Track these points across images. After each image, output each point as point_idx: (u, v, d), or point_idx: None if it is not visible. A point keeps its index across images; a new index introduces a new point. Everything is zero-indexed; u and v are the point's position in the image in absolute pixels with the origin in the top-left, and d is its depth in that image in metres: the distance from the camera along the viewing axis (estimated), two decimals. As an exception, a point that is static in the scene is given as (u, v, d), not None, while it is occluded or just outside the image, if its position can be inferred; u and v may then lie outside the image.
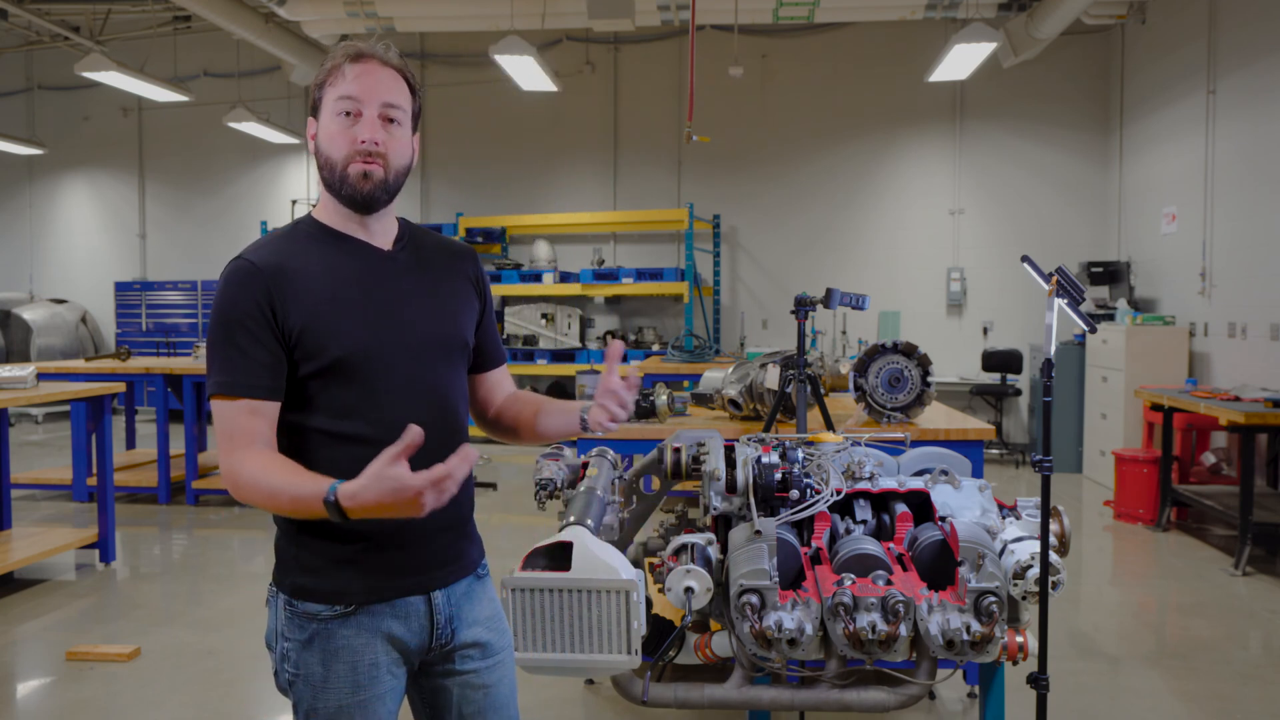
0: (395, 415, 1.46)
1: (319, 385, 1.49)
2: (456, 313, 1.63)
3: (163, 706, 3.40)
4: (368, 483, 1.28)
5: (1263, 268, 6.23)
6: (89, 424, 6.03)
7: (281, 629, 1.55)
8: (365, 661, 1.52)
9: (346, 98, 1.50)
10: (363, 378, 1.49)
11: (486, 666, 1.64)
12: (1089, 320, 2.52)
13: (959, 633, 2.15)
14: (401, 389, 1.52)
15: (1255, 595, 4.68)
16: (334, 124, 1.51)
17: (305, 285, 1.48)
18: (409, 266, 1.60)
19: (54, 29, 9.23)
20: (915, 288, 9.41)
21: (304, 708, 1.54)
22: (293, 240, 1.55)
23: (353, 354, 1.48)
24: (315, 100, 1.55)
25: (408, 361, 1.53)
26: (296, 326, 1.46)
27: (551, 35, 9.80)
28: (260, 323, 1.45)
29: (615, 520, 2.52)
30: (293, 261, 1.50)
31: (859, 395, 3.42)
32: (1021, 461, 8.51)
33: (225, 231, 11.28)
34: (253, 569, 5.32)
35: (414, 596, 1.55)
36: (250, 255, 1.50)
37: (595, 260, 9.80)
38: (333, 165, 1.51)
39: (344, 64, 1.51)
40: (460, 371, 1.64)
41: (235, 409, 1.45)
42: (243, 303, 1.46)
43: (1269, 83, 6.18)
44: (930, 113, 9.38)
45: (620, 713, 3.28)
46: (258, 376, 1.45)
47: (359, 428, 1.49)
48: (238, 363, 1.45)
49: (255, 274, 1.47)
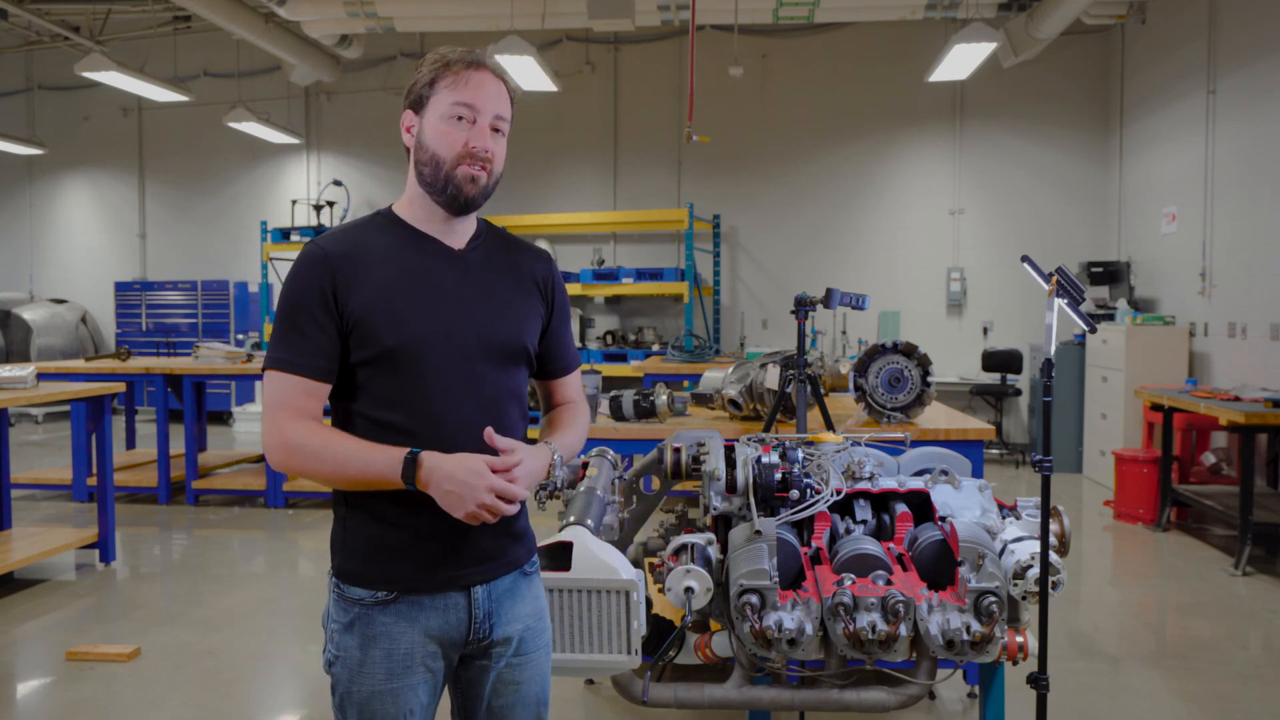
0: (439, 411, 1.53)
1: (368, 373, 1.53)
2: (519, 317, 1.65)
3: (163, 706, 3.40)
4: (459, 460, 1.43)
5: (1263, 268, 6.23)
6: (89, 424, 6.03)
7: (331, 609, 1.60)
8: (401, 650, 1.55)
9: (464, 104, 1.55)
10: (411, 371, 1.53)
11: (520, 663, 1.66)
12: (1089, 320, 2.52)
13: (959, 633, 2.15)
14: (448, 386, 1.55)
15: (1255, 595, 4.68)
16: (446, 125, 1.56)
17: (370, 275, 1.53)
18: (477, 267, 1.63)
19: (54, 29, 9.23)
20: (915, 288, 9.41)
21: (340, 689, 1.58)
22: (368, 231, 1.60)
23: (403, 347, 1.52)
24: (420, 96, 1.58)
25: (458, 360, 1.56)
26: (354, 314, 1.51)
27: (551, 35, 9.80)
28: (322, 307, 1.51)
29: (615, 520, 2.52)
30: (363, 252, 1.55)
31: (859, 395, 3.42)
32: (1021, 461, 8.51)
33: (225, 231, 11.28)
34: (253, 569, 5.32)
35: (454, 591, 1.58)
36: (324, 241, 1.56)
37: (595, 260, 9.80)
38: (439, 163, 1.56)
39: (463, 70, 1.56)
40: (516, 375, 1.65)
41: (290, 384, 1.51)
42: (308, 286, 1.52)
43: (1269, 83, 6.18)
44: (930, 113, 9.38)
45: (620, 713, 3.28)
46: (314, 358, 1.51)
47: (402, 419, 1.53)
48: (297, 343, 1.51)
49: (324, 260, 1.53)
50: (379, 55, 10.41)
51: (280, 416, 1.50)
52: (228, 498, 6.79)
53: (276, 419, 1.50)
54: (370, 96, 10.66)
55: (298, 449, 1.48)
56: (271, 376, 1.52)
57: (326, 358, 1.52)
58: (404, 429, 1.52)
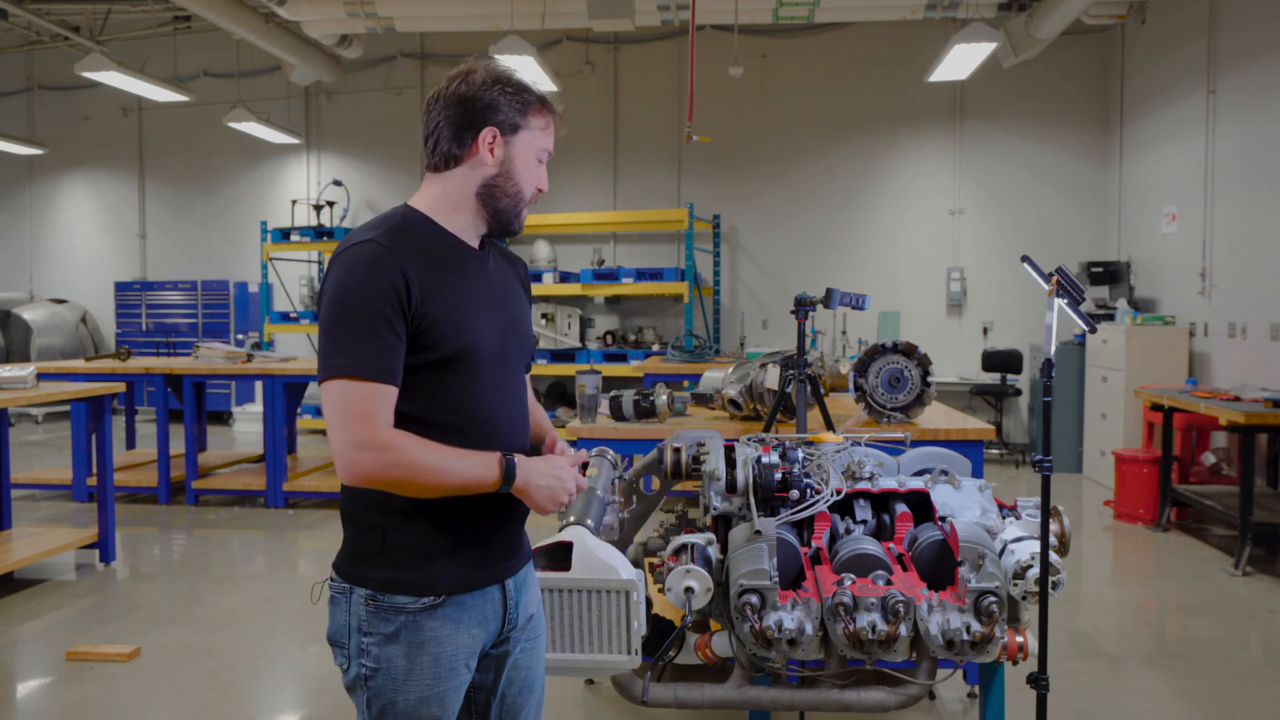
0: (485, 412, 1.58)
1: (428, 375, 1.52)
2: (527, 319, 1.75)
3: (163, 706, 3.40)
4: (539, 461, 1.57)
5: (1263, 268, 6.23)
6: (89, 424, 6.04)
7: (359, 625, 1.55)
8: (448, 653, 1.56)
9: (549, 151, 1.66)
10: (468, 374, 1.55)
11: (531, 646, 1.73)
12: (1089, 320, 2.52)
13: (959, 633, 2.15)
14: (496, 388, 1.60)
15: (1255, 595, 4.68)
16: (533, 164, 1.64)
17: (438, 278, 1.52)
18: (498, 268, 1.69)
19: (54, 29, 9.23)
20: (915, 288, 9.41)
21: (380, 703, 1.55)
22: (417, 232, 1.56)
23: (467, 350, 1.54)
24: (513, 123, 1.60)
25: (500, 362, 1.61)
26: (426, 317, 1.48)
27: (551, 35, 9.80)
28: (394, 308, 1.45)
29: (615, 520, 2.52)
30: (425, 253, 1.53)
31: (859, 395, 3.42)
32: (1021, 461, 8.51)
33: (225, 231, 11.28)
34: (253, 569, 5.32)
35: (493, 586, 1.63)
36: (383, 240, 1.49)
37: (595, 260, 9.80)
38: (520, 198, 1.63)
39: (554, 119, 1.66)
40: (525, 374, 1.76)
41: (367, 390, 1.44)
42: (378, 287, 1.45)
43: (1269, 83, 6.18)
44: (930, 113, 9.38)
45: (620, 713, 3.28)
46: (388, 362, 1.46)
47: (452, 420, 1.54)
48: (370, 346, 1.44)
49: (394, 262, 1.47)
50: (379, 55, 10.41)
51: (362, 428, 1.43)
52: (228, 498, 6.79)
53: (366, 425, 1.43)
54: (370, 96, 10.66)
55: (401, 460, 1.43)
56: (343, 386, 1.43)
57: (399, 360, 1.47)
58: (456, 430, 1.53)
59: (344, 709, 3.37)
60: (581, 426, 3.49)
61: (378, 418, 1.44)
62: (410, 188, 10.55)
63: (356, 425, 1.43)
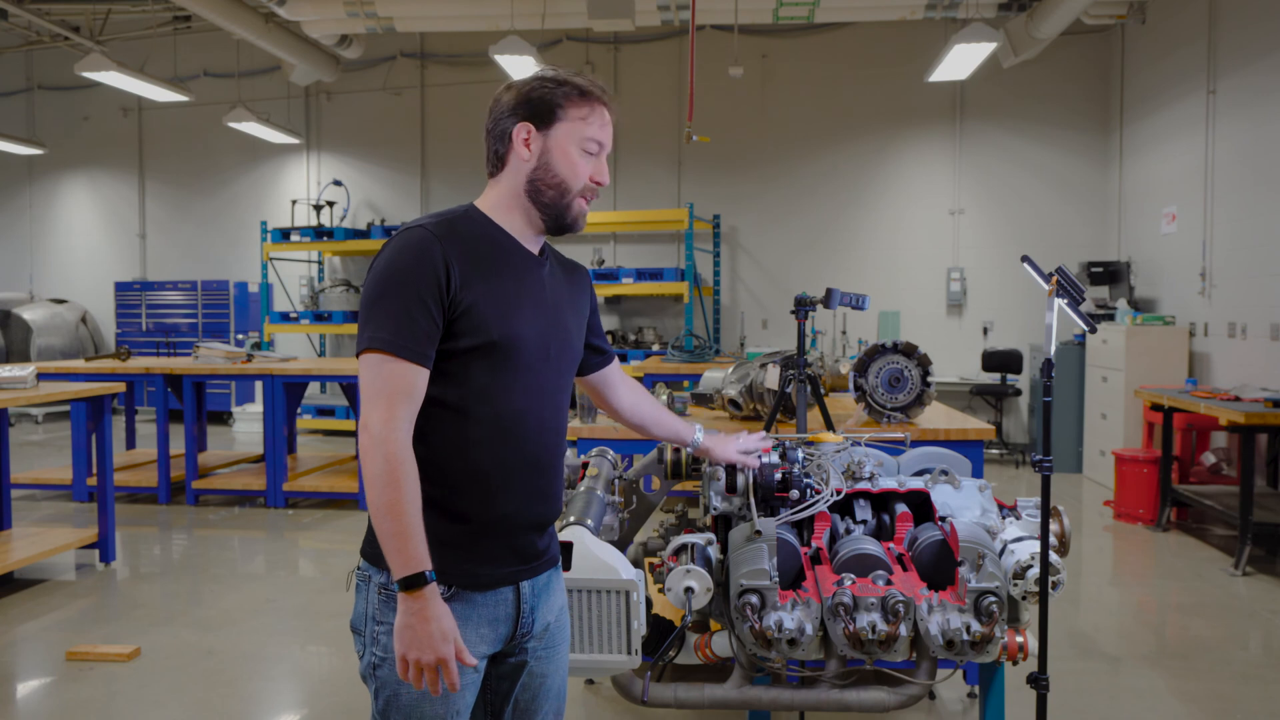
0: (518, 406, 1.58)
1: (463, 362, 1.53)
2: (578, 327, 1.76)
3: (163, 706, 3.40)
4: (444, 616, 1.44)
5: (1263, 268, 6.22)
6: (89, 424, 6.03)
7: (373, 613, 1.56)
8: None
9: (596, 141, 1.62)
10: (504, 365, 1.56)
11: (548, 654, 1.70)
12: (1089, 320, 2.52)
13: (959, 633, 2.15)
14: (532, 385, 1.60)
15: (1255, 595, 4.68)
16: (577, 155, 1.61)
17: (480, 267, 1.55)
18: (554, 275, 1.70)
19: (54, 29, 9.22)
20: (915, 288, 9.41)
21: (386, 693, 1.56)
22: (467, 224, 1.59)
23: (506, 340, 1.55)
24: (551, 114, 1.59)
25: (542, 361, 1.61)
26: (466, 302, 1.51)
27: (551, 35, 9.81)
28: (435, 292, 1.49)
29: (615, 520, 2.52)
30: (472, 243, 1.56)
31: (859, 395, 3.42)
32: (1021, 461, 8.51)
33: (225, 231, 11.28)
34: (253, 569, 5.32)
35: (505, 587, 1.61)
36: (432, 227, 1.53)
37: (595, 260, 9.80)
38: (565, 190, 1.61)
39: (598, 105, 1.62)
40: (571, 378, 1.75)
41: (399, 369, 1.47)
42: (421, 269, 1.49)
43: (1269, 83, 6.18)
44: (930, 113, 9.38)
45: (620, 713, 3.28)
46: (423, 344, 1.49)
47: (485, 409, 1.55)
48: (408, 326, 1.47)
49: (436, 244, 1.51)
50: (379, 55, 10.41)
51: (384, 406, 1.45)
52: (228, 498, 6.79)
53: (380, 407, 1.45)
54: (370, 96, 10.66)
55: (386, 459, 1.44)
56: (377, 360, 1.47)
57: (433, 344, 1.50)
58: (485, 418, 1.55)
59: (344, 709, 3.37)
60: (582, 426, 3.49)
61: (401, 408, 1.46)
62: (410, 188, 10.63)
63: (376, 405, 1.46)
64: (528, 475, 1.60)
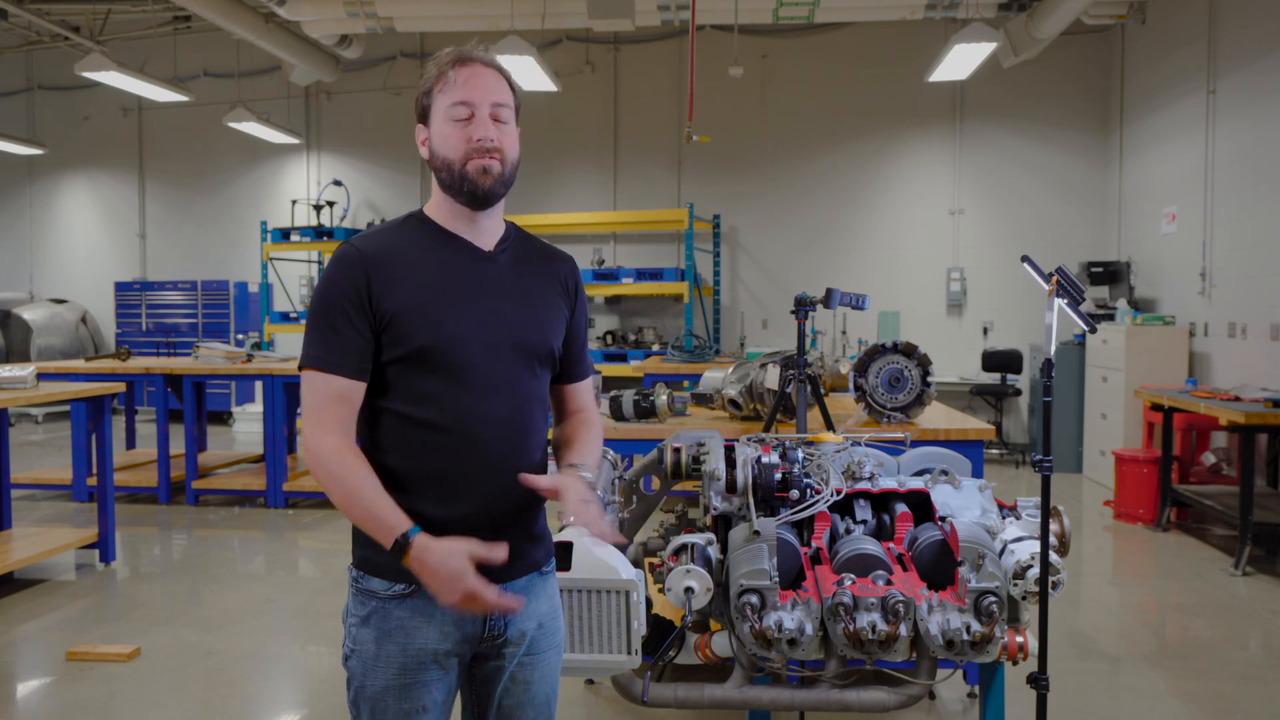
0: (469, 408, 1.56)
1: (399, 370, 1.55)
2: (547, 319, 1.68)
3: (163, 706, 3.40)
4: (443, 557, 1.44)
5: (1263, 268, 6.22)
6: (89, 424, 6.03)
7: (349, 605, 1.61)
8: (415, 645, 1.56)
9: (460, 103, 1.57)
10: (443, 369, 1.55)
11: (531, 662, 1.67)
12: (1089, 320, 2.52)
13: (959, 633, 2.15)
14: (478, 385, 1.57)
15: (1255, 595, 4.68)
16: (448, 127, 1.58)
17: (404, 275, 1.56)
18: (506, 269, 1.65)
19: (54, 29, 9.22)
20: (915, 288, 9.41)
21: (355, 684, 1.59)
22: (401, 232, 1.63)
23: (436, 345, 1.55)
24: (423, 107, 1.62)
25: (489, 360, 1.59)
26: (388, 313, 1.54)
27: (551, 35, 9.80)
28: (356, 306, 1.53)
29: (615, 520, 2.52)
30: (397, 251, 1.58)
31: (859, 395, 3.42)
32: (1021, 461, 8.51)
33: (225, 231, 11.28)
34: (253, 569, 5.32)
35: None
36: (358, 241, 1.59)
37: (595, 260, 9.80)
38: (450, 165, 1.58)
39: (450, 70, 1.58)
40: (542, 377, 1.68)
41: (325, 384, 1.53)
42: (343, 285, 1.54)
43: (1269, 83, 6.18)
44: (930, 113, 9.38)
45: (620, 713, 3.28)
46: (348, 356, 1.53)
47: (432, 415, 1.55)
48: (332, 341, 1.53)
49: (358, 259, 1.55)
50: (379, 55, 10.41)
51: (320, 420, 1.53)
52: (228, 498, 6.79)
53: (316, 422, 1.53)
54: (370, 96, 10.66)
55: (321, 464, 1.51)
56: (308, 376, 1.55)
57: (361, 356, 1.54)
58: (435, 425, 1.55)
59: (344, 709, 3.36)
60: (581, 426, 3.49)
61: (328, 417, 1.52)
62: (409, 188, 10.63)
63: (309, 420, 1.54)
64: (488, 476, 1.57)
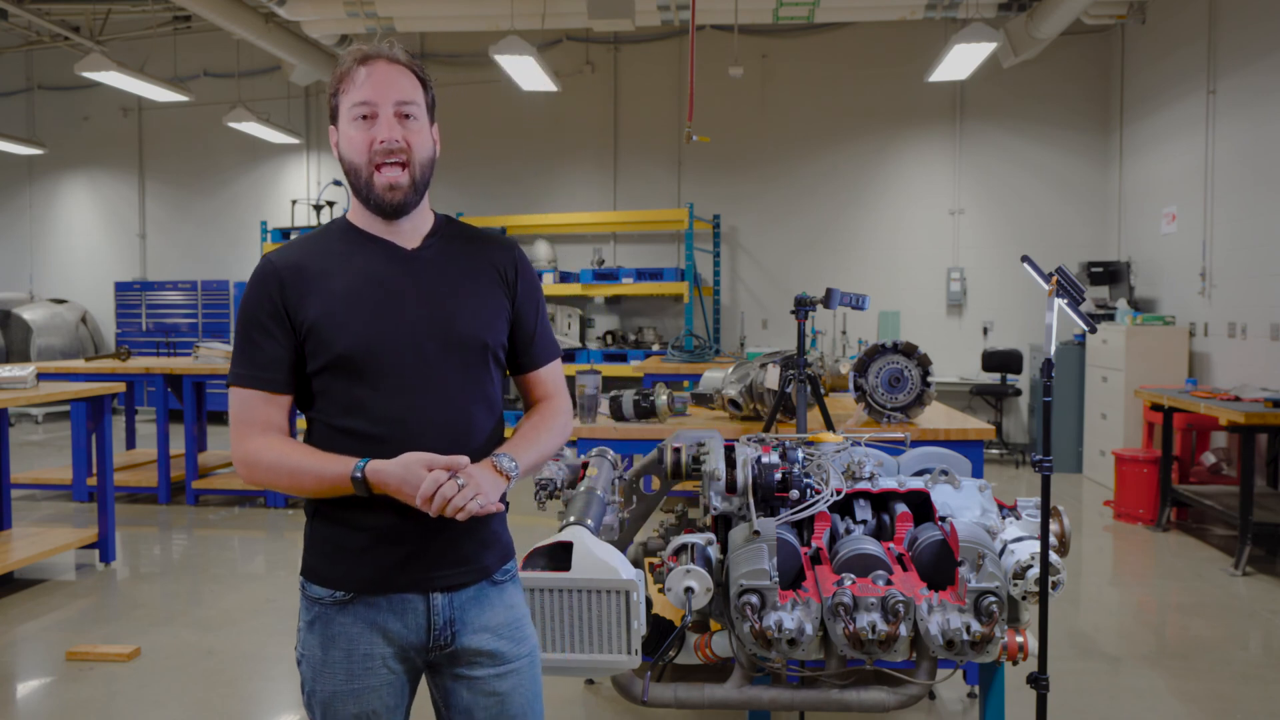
0: (399, 413, 1.52)
1: (324, 381, 1.55)
2: (478, 312, 1.60)
3: (163, 706, 3.40)
4: (400, 463, 1.43)
5: (1263, 268, 6.22)
6: (89, 424, 6.03)
7: (300, 609, 1.62)
8: (360, 651, 1.55)
9: (361, 102, 1.53)
10: (365, 375, 1.53)
11: (497, 674, 1.61)
12: (1089, 320, 2.52)
13: (959, 633, 2.15)
14: (406, 388, 1.54)
15: (1255, 595, 4.68)
16: (352, 129, 1.54)
17: (320, 284, 1.55)
18: (432, 265, 1.60)
19: (54, 29, 9.22)
20: (915, 288, 9.41)
21: (307, 688, 1.60)
22: (320, 240, 1.62)
23: (355, 351, 1.52)
24: (332, 109, 1.60)
25: (415, 361, 1.54)
26: (306, 323, 1.53)
27: (551, 35, 9.80)
28: (274, 318, 1.53)
29: (615, 520, 2.52)
30: (313, 261, 1.57)
31: (859, 395, 3.42)
32: (1021, 461, 8.51)
33: (225, 231, 11.28)
34: (253, 569, 5.32)
35: (412, 594, 1.56)
36: (273, 255, 1.60)
37: (595, 260, 9.79)
38: (357, 170, 1.55)
39: (353, 68, 1.55)
40: (479, 373, 1.60)
41: (249, 398, 1.54)
42: (259, 300, 1.55)
43: (1269, 83, 6.17)
44: (930, 113, 9.38)
45: (620, 713, 3.28)
46: (268, 369, 1.54)
47: (360, 423, 1.53)
48: (251, 356, 1.54)
49: (273, 273, 1.56)
50: (379, 55, 10.39)
51: (242, 431, 1.54)
52: (228, 498, 6.79)
53: (239, 435, 1.54)
54: (370, 96, 10.64)
55: (255, 463, 1.52)
56: (233, 392, 1.56)
57: (281, 369, 1.54)
58: (365, 434, 1.52)
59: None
60: (582, 426, 3.49)
61: (255, 424, 1.53)
62: (410, 188, 10.63)
63: (234, 436, 1.55)
64: None
